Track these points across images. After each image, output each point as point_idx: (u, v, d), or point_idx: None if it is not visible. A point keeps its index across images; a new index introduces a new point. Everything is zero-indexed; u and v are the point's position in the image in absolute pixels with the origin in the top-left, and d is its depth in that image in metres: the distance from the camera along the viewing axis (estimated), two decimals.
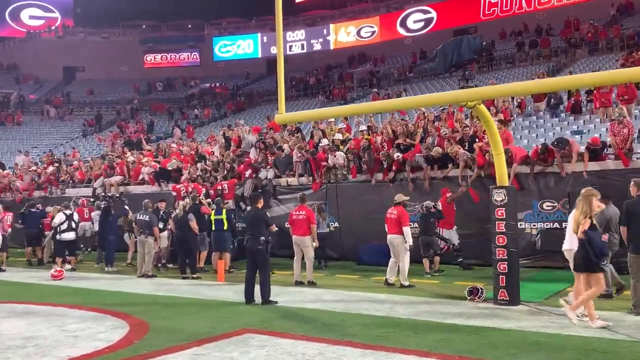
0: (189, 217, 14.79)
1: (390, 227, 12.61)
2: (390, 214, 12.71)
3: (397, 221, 12.58)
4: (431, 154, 15.63)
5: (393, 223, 12.59)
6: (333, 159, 17.26)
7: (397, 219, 12.60)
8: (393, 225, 12.58)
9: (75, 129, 46.16)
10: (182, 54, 61.73)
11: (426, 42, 50.75)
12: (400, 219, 12.64)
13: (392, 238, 12.56)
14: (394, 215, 12.63)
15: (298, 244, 13.03)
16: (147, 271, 15.00)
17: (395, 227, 12.57)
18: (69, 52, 57.59)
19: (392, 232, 12.57)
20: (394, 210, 12.75)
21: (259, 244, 10.52)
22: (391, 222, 12.61)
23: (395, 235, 12.56)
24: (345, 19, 58.59)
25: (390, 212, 12.72)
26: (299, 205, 13.45)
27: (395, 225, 12.57)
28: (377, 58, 51.29)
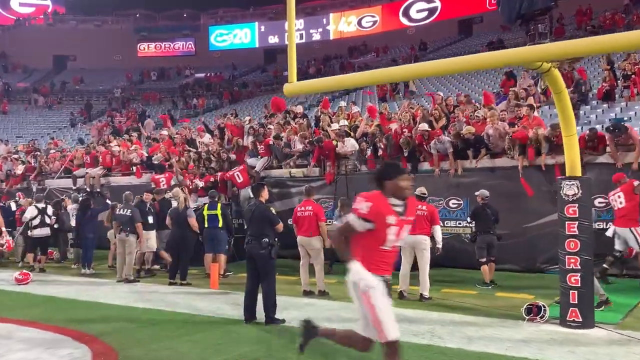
0: (188, 213, 12.63)
1: (417, 226, 10.44)
2: (419, 210, 10.41)
3: (428, 219, 10.51)
4: (462, 132, 13.47)
5: (421, 221, 10.44)
6: (342, 147, 15.11)
7: (429, 215, 10.55)
8: (421, 224, 10.44)
9: (64, 118, 44.20)
10: (177, 43, 60.24)
11: (429, 33, 49.12)
12: (433, 216, 10.61)
13: (417, 239, 10.36)
14: (423, 212, 10.51)
15: (304, 246, 10.83)
16: (128, 275, 12.83)
17: (423, 226, 10.46)
18: (60, 40, 55.79)
19: (419, 232, 10.39)
20: (422, 206, 10.62)
21: (262, 248, 8.38)
22: (419, 220, 10.43)
23: (423, 235, 10.44)
24: (346, 8, 56.63)
25: (419, 208, 10.46)
26: (304, 200, 11.18)
27: (425, 223, 10.47)
28: (379, 48, 49.23)
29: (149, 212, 13.64)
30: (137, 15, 61.40)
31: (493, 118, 13.35)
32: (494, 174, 13.23)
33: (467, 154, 13.55)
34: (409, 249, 10.47)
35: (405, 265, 10.55)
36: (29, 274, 12.97)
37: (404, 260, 10.53)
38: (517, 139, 12.66)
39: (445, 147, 13.54)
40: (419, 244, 10.39)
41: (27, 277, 12.79)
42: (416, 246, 10.40)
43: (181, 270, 12.36)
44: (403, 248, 10.44)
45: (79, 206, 15.26)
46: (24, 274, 12.92)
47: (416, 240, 10.38)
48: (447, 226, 13.50)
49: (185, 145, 19.58)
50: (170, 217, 12.82)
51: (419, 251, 10.41)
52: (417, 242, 10.38)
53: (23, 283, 12.55)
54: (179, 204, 12.70)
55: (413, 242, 10.38)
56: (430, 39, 48.02)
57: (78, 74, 54.14)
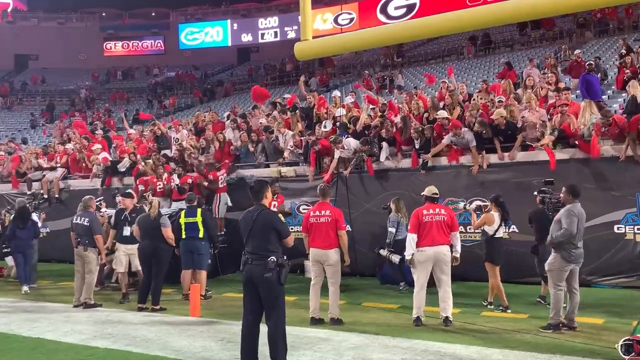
0: (162, 221, 10.30)
1: (435, 235, 8.34)
2: (433, 214, 8.43)
3: (448, 224, 8.42)
4: (492, 117, 11.35)
5: (440, 228, 8.36)
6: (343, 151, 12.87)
7: (449, 220, 8.46)
8: (440, 232, 8.35)
9: (24, 120, 41.45)
10: (145, 42, 57.77)
11: None
12: (453, 222, 8.53)
13: (438, 252, 8.31)
14: (442, 216, 8.41)
15: (319, 262, 8.60)
16: (87, 299, 10.44)
17: (443, 234, 8.37)
18: (21, 39, 52.77)
19: (438, 242, 8.32)
20: (440, 210, 8.53)
21: (267, 270, 6.14)
22: (436, 227, 8.35)
23: (444, 246, 8.36)
24: (322, 5, 54.40)
25: (434, 212, 8.46)
26: (319, 203, 8.94)
27: (444, 230, 8.39)
28: None
29: (124, 221, 11.12)
30: (103, 14, 58.56)
31: (531, 102, 11.26)
32: (527, 170, 11.14)
33: (494, 145, 11.46)
34: (427, 263, 8.35)
35: (421, 284, 8.42)
36: None
37: (421, 276, 8.42)
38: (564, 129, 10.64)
39: (467, 140, 11.42)
40: (440, 256, 8.32)
41: None
42: (437, 259, 8.31)
43: (153, 293, 10.02)
44: (419, 263, 8.36)
45: (16, 214, 12.88)
46: None
47: (437, 253, 8.31)
48: (469, 232, 11.42)
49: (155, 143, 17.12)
50: (140, 226, 10.36)
51: (440, 265, 8.34)
52: (437, 255, 8.32)
53: None
54: (151, 210, 10.34)
55: (433, 255, 8.30)
56: None
57: (40, 73, 51.34)
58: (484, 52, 36.26)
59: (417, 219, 8.43)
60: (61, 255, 15.89)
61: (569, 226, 7.66)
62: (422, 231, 8.36)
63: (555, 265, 7.82)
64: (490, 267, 9.22)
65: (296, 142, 13.80)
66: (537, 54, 30.87)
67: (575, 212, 7.76)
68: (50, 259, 16.35)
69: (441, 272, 8.32)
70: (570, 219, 7.69)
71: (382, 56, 41.61)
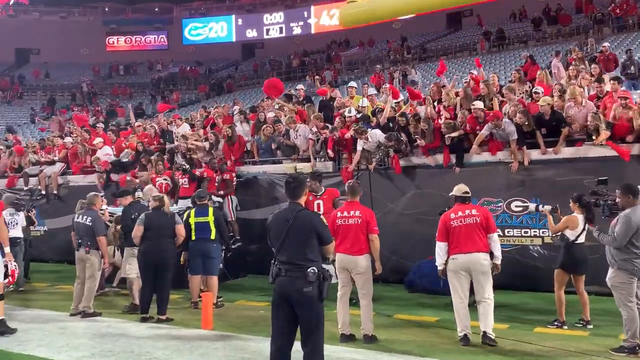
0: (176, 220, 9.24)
1: (466, 240, 7.25)
2: (463, 217, 7.33)
3: (482, 226, 7.31)
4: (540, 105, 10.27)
5: (474, 231, 7.26)
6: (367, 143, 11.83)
7: (484, 221, 7.33)
8: (474, 236, 7.25)
9: (24, 114, 40.68)
10: (149, 37, 56.71)
11: (416, 26, 46.27)
12: (489, 222, 7.39)
13: (473, 259, 7.22)
14: (475, 218, 7.30)
15: (347, 269, 7.52)
16: (86, 307, 9.36)
17: (477, 239, 7.26)
18: (23, 32, 51.51)
19: (473, 248, 7.22)
20: (471, 210, 7.42)
21: (307, 283, 5.08)
22: (467, 231, 7.27)
23: (480, 253, 7.25)
24: (328, 0, 53.38)
25: (463, 214, 7.35)
26: (347, 202, 7.86)
27: (479, 234, 7.28)
28: (363, 42, 46.26)
29: (133, 221, 9.63)
30: (105, 8, 57.52)
31: (575, 95, 10.17)
32: (575, 167, 10.07)
33: (536, 140, 10.40)
34: (463, 273, 7.28)
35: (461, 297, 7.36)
36: None
37: (458, 289, 7.36)
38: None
39: (508, 132, 10.33)
40: (477, 264, 7.24)
41: None
42: (472, 268, 7.24)
43: (160, 301, 8.95)
44: (454, 273, 7.31)
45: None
46: None
47: (472, 260, 7.22)
48: (508, 235, 10.40)
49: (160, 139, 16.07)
50: (147, 225, 9.05)
51: (478, 275, 7.24)
52: (473, 263, 7.24)
53: None
54: (165, 207, 9.24)
55: (467, 263, 7.23)
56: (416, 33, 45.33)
57: (42, 68, 50.41)
58: (498, 48, 35.30)
59: (444, 225, 7.39)
60: (59, 255, 14.89)
61: (620, 235, 6.59)
62: (452, 238, 7.31)
63: (617, 280, 6.76)
64: (561, 276, 8.03)
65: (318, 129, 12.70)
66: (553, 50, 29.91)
67: (634, 218, 6.65)
68: (48, 260, 15.33)
69: (478, 283, 7.25)
70: (625, 227, 6.60)
71: (391, 52, 40.53)
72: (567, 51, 22.82)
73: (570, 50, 21.49)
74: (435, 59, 37.74)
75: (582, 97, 10.27)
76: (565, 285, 8.01)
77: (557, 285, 7.99)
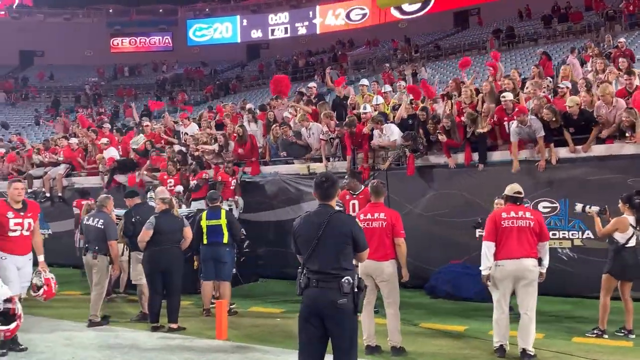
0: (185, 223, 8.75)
1: (516, 244, 6.66)
2: (516, 218, 6.74)
3: (535, 232, 6.73)
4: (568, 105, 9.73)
5: (525, 236, 6.69)
6: (381, 136, 11.39)
7: (537, 227, 6.73)
8: (524, 241, 6.67)
9: (28, 116, 40.36)
10: (153, 38, 56.57)
11: (423, 26, 45.97)
12: (541, 228, 6.80)
13: (522, 266, 6.63)
14: (527, 221, 6.72)
15: (371, 276, 6.98)
16: (93, 316, 8.85)
17: (527, 244, 6.68)
18: (27, 34, 51.23)
19: (523, 254, 6.64)
20: (525, 213, 6.83)
21: (342, 295, 4.55)
22: (519, 234, 6.69)
23: (529, 259, 6.66)
24: (333, 0, 52.92)
25: (516, 215, 6.75)
26: (371, 203, 7.34)
27: (531, 240, 6.70)
28: (370, 41, 45.84)
29: (133, 224, 9.13)
30: (110, 10, 57.19)
31: (605, 94, 9.63)
32: (606, 165, 9.56)
33: (563, 137, 9.90)
34: (507, 281, 6.70)
35: (503, 307, 6.79)
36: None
37: (501, 299, 6.78)
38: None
39: (534, 129, 9.82)
40: (525, 272, 6.65)
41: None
42: (521, 276, 6.65)
43: (170, 309, 8.46)
44: (497, 281, 6.71)
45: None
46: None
47: (520, 268, 6.64)
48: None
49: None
50: (158, 228, 8.46)
51: (524, 283, 6.66)
52: (522, 270, 6.65)
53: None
54: (173, 210, 8.75)
55: (515, 271, 6.64)
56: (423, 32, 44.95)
57: (46, 70, 50.04)
58: (507, 46, 34.79)
59: (494, 223, 6.78)
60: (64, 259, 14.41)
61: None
62: (501, 239, 6.71)
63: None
64: (609, 282, 7.48)
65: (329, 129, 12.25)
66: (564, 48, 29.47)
67: None
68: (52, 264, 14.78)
69: (523, 292, 6.66)
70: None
71: (398, 51, 40.06)
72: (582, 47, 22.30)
73: (585, 46, 20.96)
74: (444, 57, 37.32)
75: (612, 97, 9.71)
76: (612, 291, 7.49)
77: (604, 291, 7.45)
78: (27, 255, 7.49)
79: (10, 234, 7.19)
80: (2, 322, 6.22)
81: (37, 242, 7.68)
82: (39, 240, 7.77)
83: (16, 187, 7.32)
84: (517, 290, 6.70)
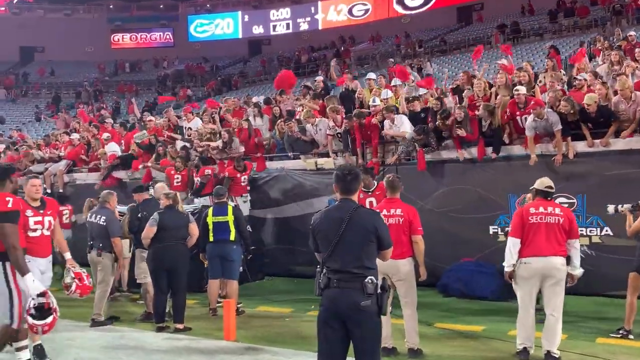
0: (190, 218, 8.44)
1: (544, 241, 6.35)
2: (545, 214, 6.43)
3: (565, 229, 6.42)
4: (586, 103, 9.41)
5: (553, 233, 6.38)
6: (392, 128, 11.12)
7: (567, 223, 6.42)
8: (552, 238, 6.36)
9: (29, 112, 40.16)
10: (154, 34, 56.12)
11: (426, 21, 45.62)
12: (571, 225, 6.48)
13: (549, 264, 6.33)
14: (557, 217, 6.41)
15: (387, 275, 6.61)
16: (96, 315, 8.58)
17: (555, 242, 6.37)
18: (27, 30, 50.82)
19: (550, 252, 6.34)
20: (554, 209, 6.50)
21: (365, 297, 4.25)
22: (547, 230, 6.39)
23: (558, 257, 6.37)
24: None
25: (545, 211, 6.44)
26: (387, 199, 7.03)
27: (559, 237, 6.40)
28: (373, 36, 45.52)
29: (139, 220, 8.88)
30: (110, 5, 56.85)
31: (625, 89, 9.31)
32: (627, 160, 9.26)
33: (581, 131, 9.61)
34: (533, 280, 6.40)
35: (528, 307, 6.49)
36: None
37: (527, 298, 6.49)
38: None
39: (551, 122, 9.52)
40: (553, 270, 6.35)
41: None
42: (548, 274, 6.35)
43: (176, 309, 8.19)
44: (522, 279, 6.41)
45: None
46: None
47: (548, 266, 6.34)
48: None
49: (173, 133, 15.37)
50: (162, 225, 8.17)
51: (552, 282, 6.36)
52: (549, 269, 6.35)
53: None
54: (177, 206, 8.45)
55: (542, 269, 6.35)
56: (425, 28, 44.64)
57: (47, 66, 49.82)
58: (513, 41, 34.46)
59: (521, 219, 6.48)
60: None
61: None
62: (527, 236, 6.41)
63: None
64: (636, 280, 7.18)
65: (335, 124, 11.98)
66: (570, 42, 29.20)
67: None
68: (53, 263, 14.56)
69: (550, 292, 6.37)
70: None
71: (402, 46, 39.75)
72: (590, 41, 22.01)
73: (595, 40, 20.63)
74: (447, 52, 37.03)
75: (631, 91, 9.40)
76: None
77: (631, 290, 7.17)
78: (48, 257, 6.77)
79: (30, 233, 6.45)
80: (37, 318, 5.81)
81: (60, 240, 7.03)
82: (62, 238, 7.14)
83: (33, 183, 6.61)
84: (543, 289, 6.42)
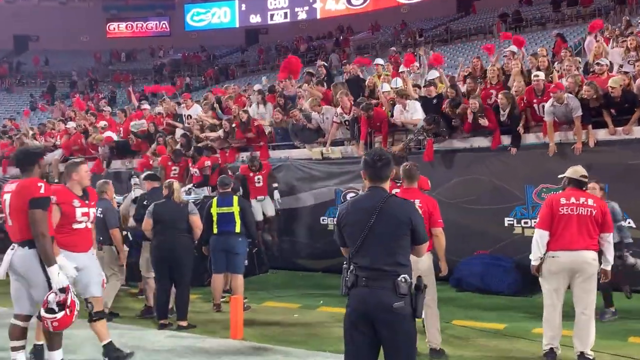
0: (190, 209, 7.93)
1: (576, 234, 5.90)
2: (577, 205, 5.95)
3: (597, 221, 5.96)
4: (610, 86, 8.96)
5: (585, 226, 5.92)
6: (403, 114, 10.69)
7: (600, 216, 5.96)
8: (583, 232, 5.91)
9: (24, 102, 39.76)
10: (150, 23, 55.56)
11: (426, 11, 45.06)
12: (604, 217, 6.01)
13: (580, 258, 5.87)
14: (589, 209, 5.94)
15: None
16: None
17: (587, 236, 5.93)
18: (21, 19, 50.08)
19: (581, 246, 5.89)
20: (587, 200, 6.02)
21: (398, 297, 3.80)
22: (579, 223, 5.92)
23: (589, 251, 5.92)
24: None
25: (577, 202, 5.96)
26: (403, 189, 6.55)
27: (591, 230, 5.94)
28: (373, 25, 44.98)
29: (144, 208, 8.30)
30: None
31: None
32: None
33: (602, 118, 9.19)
34: (562, 274, 5.95)
35: (554, 304, 6.03)
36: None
37: (554, 294, 6.02)
38: None
39: (571, 107, 9.08)
40: (584, 264, 5.89)
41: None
42: (578, 269, 5.88)
43: (179, 305, 7.74)
44: (550, 274, 5.96)
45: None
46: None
47: (578, 260, 5.88)
48: None
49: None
50: (157, 216, 7.79)
51: (582, 278, 5.90)
52: (579, 263, 5.88)
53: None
54: (174, 195, 7.98)
55: (572, 264, 5.88)
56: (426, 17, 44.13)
57: (41, 55, 49.22)
58: (514, 30, 33.98)
59: (550, 209, 6.00)
60: None
61: None
62: (557, 228, 5.95)
63: None
64: None
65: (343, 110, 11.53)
66: (573, 32, 28.77)
67: None
68: None
69: (580, 290, 5.91)
70: None
71: (402, 35, 39.23)
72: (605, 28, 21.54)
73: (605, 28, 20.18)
74: (448, 42, 36.55)
75: None
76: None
77: None
78: (89, 251, 6.05)
79: (75, 225, 5.80)
80: (51, 312, 5.25)
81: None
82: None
83: (85, 169, 6.01)
84: (573, 286, 5.97)
